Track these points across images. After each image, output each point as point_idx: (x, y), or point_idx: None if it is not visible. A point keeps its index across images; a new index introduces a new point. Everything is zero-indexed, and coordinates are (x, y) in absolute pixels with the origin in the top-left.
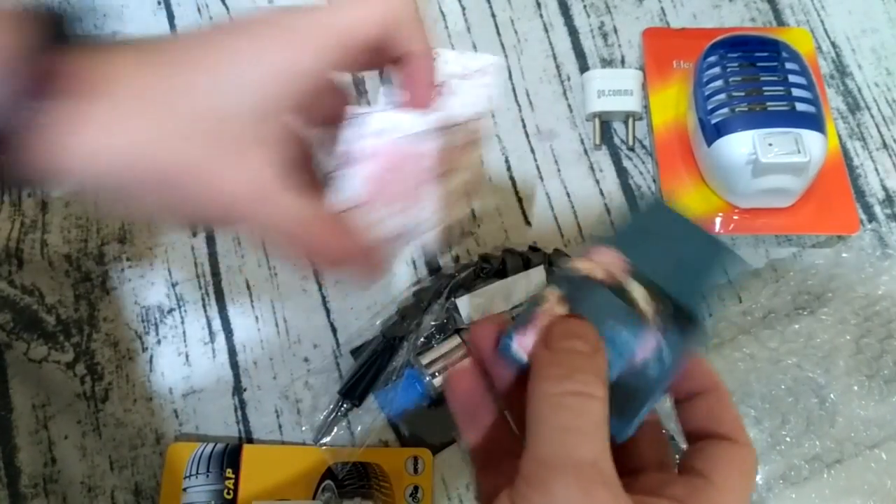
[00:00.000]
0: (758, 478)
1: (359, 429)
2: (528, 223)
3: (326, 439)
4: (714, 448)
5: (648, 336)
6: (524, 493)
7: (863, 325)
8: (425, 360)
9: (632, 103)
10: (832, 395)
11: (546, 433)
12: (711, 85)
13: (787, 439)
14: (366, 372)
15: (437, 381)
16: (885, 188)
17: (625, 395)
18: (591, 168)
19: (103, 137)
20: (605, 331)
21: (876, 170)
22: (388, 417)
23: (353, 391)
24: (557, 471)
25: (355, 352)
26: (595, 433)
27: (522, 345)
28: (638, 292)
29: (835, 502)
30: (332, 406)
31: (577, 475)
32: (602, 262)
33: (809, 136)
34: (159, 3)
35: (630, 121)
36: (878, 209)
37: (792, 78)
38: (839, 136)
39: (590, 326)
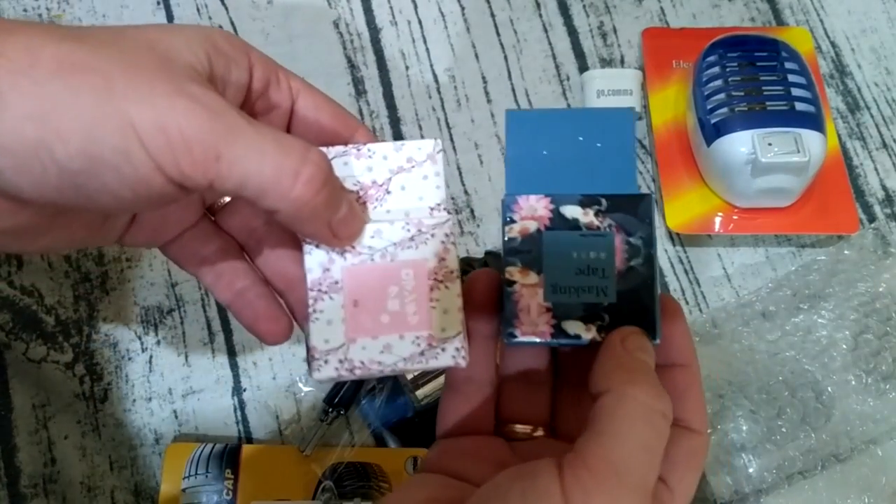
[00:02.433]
0: (750, 470)
1: (345, 436)
2: None
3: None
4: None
5: (612, 241)
6: (588, 487)
7: (862, 321)
8: (410, 374)
9: (631, 103)
10: (829, 389)
11: (630, 444)
12: (711, 85)
13: (783, 430)
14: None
15: (421, 393)
16: (884, 188)
17: (636, 304)
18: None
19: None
20: (577, 266)
21: (876, 169)
22: (372, 430)
23: (339, 399)
24: (630, 488)
25: None
26: (660, 458)
27: (526, 331)
28: (573, 212)
29: (829, 497)
30: (317, 415)
31: (645, 499)
32: (526, 214)
33: (809, 136)
34: (158, 3)
35: None
36: (877, 209)
37: (791, 77)
38: (839, 136)
39: (650, 343)
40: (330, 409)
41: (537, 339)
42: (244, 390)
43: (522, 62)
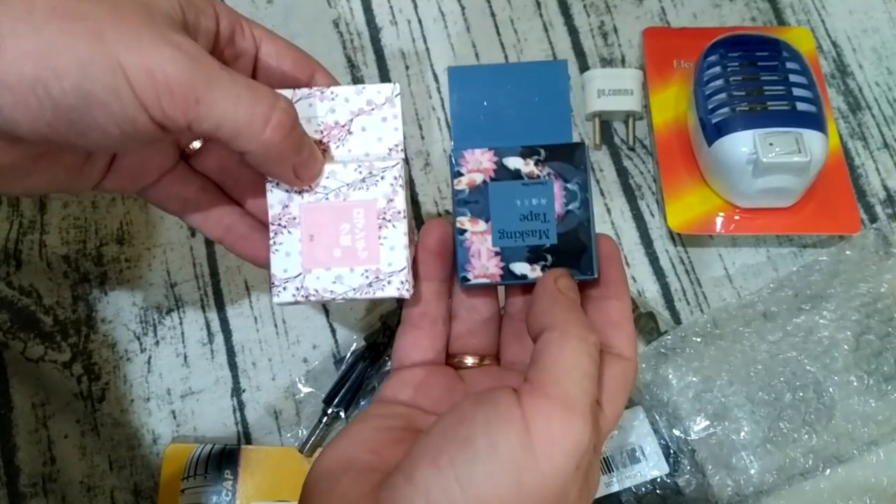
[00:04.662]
0: (752, 471)
1: None
2: None
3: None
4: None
5: (551, 188)
6: (547, 412)
7: (863, 322)
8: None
9: (632, 103)
10: (831, 390)
11: (578, 374)
12: (712, 84)
13: (784, 431)
14: (350, 379)
15: None
16: (886, 188)
17: (575, 244)
18: (592, 168)
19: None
20: (521, 213)
21: (877, 169)
22: None
23: (338, 399)
24: (580, 411)
25: (339, 362)
26: (597, 383)
27: (478, 274)
28: (515, 163)
29: (830, 499)
30: (317, 415)
31: (591, 420)
32: (472, 167)
33: (810, 136)
34: None
35: (630, 120)
36: (878, 209)
37: (793, 77)
38: (840, 136)
39: (575, 283)
40: (329, 410)
41: (488, 281)
42: (243, 391)
43: (523, 62)
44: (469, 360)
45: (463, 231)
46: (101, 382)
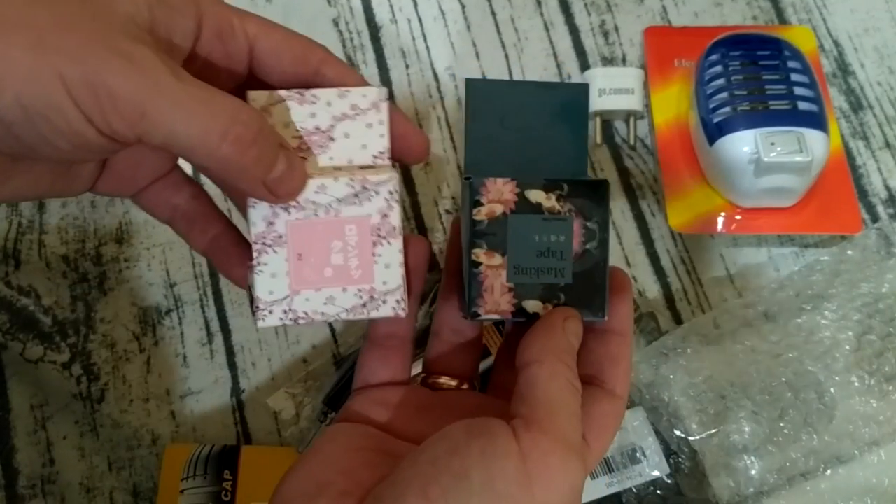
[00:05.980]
0: (752, 471)
1: None
2: None
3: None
4: (590, 397)
5: (571, 225)
6: (545, 448)
7: (865, 322)
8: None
9: (633, 102)
10: (832, 390)
11: (569, 413)
12: (713, 84)
13: (785, 431)
14: (350, 379)
15: None
16: (887, 188)
17: (589, 285)
18: (593, 167)
19: None
20: (538, 249)
21: (879, 169)
22: None
23: (338, 400)
24: (573, 448)
25: (339, 363)
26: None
27: (489, 310)
28: (537, 196)
29: (831, 499)
30: (316, 416)
31: (582, 459)
32: (493, 197)
33: (812, 136)
34: None
35: (631, 120)
36: (880, 209)
37: (794, 77)
38: (842, 136)
39: (581, 328)
40: (329, 410)
41: (498, 317)
42: (243, 391)
43: (523, 61)
44: (446, 382)
45: (477, 264)
46: (100, 383)
